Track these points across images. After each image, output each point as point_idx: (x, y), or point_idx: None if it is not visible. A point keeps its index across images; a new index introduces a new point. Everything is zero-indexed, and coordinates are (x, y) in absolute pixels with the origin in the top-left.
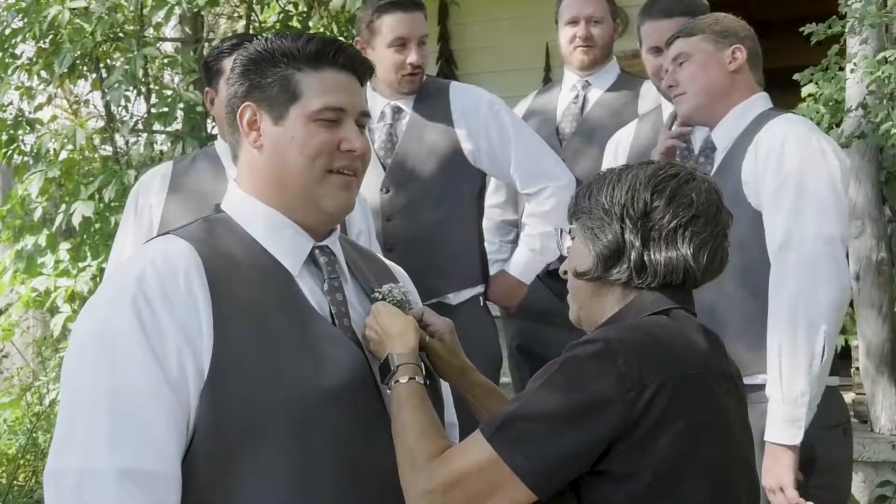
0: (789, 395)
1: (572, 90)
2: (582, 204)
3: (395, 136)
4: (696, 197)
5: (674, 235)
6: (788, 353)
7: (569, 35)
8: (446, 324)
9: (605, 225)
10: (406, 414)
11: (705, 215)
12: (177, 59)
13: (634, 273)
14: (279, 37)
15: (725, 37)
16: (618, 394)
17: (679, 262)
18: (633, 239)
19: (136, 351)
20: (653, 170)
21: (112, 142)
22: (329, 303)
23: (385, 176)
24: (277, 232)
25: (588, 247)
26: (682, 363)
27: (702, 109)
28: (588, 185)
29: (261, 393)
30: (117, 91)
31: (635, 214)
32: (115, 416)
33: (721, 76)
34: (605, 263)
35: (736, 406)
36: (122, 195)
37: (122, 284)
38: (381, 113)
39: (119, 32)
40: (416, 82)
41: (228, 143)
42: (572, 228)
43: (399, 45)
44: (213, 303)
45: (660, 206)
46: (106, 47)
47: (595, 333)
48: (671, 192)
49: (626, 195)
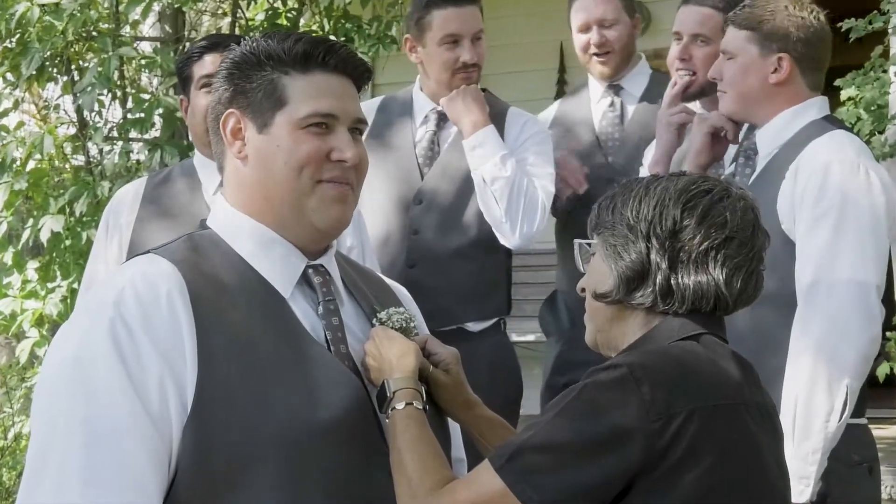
0: (800, 451)
1: (604, 96)
2: (604, 217)
3: (436, 145)
4: (730, 216)
5: (704, 258)
6: (804, 407)
7: (583, 42)
8: (451, 354)
9: (630, 243)
10: (404, 441)
11: (740, 237)
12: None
13: (659, 297)
14: (266, 38)
15: (773, 40)
16: (641, 424)
17: (710, 288)
18: (660, 260)
19: (114, 379)
20: (684, 183)
21: (84, 150)
22: (324, 327)
23: (421, 187)
24: (267, 250)
25: (609, 265)
26: (712, 392)
27: (741, 113)
28: (612, 196)
29: (250, 426)
30: (90, 95)
31: (663, 233)
32: (91, 450)
33: (760, 86)
34: (627, 285)
35: (771, 441)
36: (95, 209)
37: (99, 308)
38: (425, 117)
39: (92, 31)
40: (472, 81)
41: (214, 154)
42: (592, 243)
43: (451, 43)
44: (198, 328)
45: (690, 226)
46: (78, 47)
47: (617, 358)
48: (703, 209)
49: (653, 211)
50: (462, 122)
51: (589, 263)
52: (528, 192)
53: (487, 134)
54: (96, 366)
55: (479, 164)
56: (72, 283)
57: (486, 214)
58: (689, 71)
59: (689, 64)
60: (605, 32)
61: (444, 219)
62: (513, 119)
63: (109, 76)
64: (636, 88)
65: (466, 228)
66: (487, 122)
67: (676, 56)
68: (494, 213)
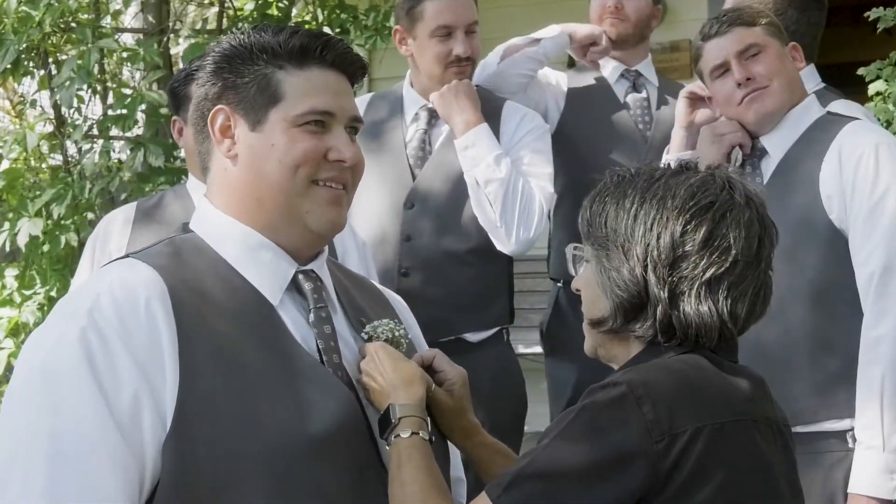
0: (891, 441)
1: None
2: (596, 229)
3: (428, 144)
4: (734, 237)
5: (707, 288)
6: (892, 392)
7: (599, 8)
8: (459, 374)
9: (625, 270)
10: (407, 473)
11: (745, 257)
12: (138, 52)
13: (660, 332)
14: (257, 30)
15: (781, 31)
16: (644, 445)
17: (713, 321)
18: (659, 292)
19: (82, 391)
20: (684, 196)
21: (62, 149)
22: (316, 336)
23: (412, 188)
24: (255, 254)
25: (605, 290)
26: (719, 408)
27: (786, 106)
28: (601, 199)
29: (235, 443)
30: (68, 90)
31: (661, 262)
32: (55, 466)
33: (796, 73)
34: (625, 316)
35: (782, 459)
36: (75, 211)
37: (72, 315)
38: (416, 114)
39: (71, 22)
40: (465, 76)
41: (197, 154)
42: (585, 248)
43: (444, 35)
44: (180, 339)
45: (692, 252)
46: (56, 39)
47: (616, 375)
48: (707, 232)
49: (650, 233)
50: (454, 120)
51: (582, 269)
52: (524, 195)
53: (480, 133)
54: (64, 377)
55: (471, 165)
56: (49, 291)
57: (481, 219)
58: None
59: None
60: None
61: (438, 222)
62: (510, 113)
63: (89, 70)
64: (652, 77)
65: (463, 232)
66: (480, 121)
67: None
68: (489, 217)
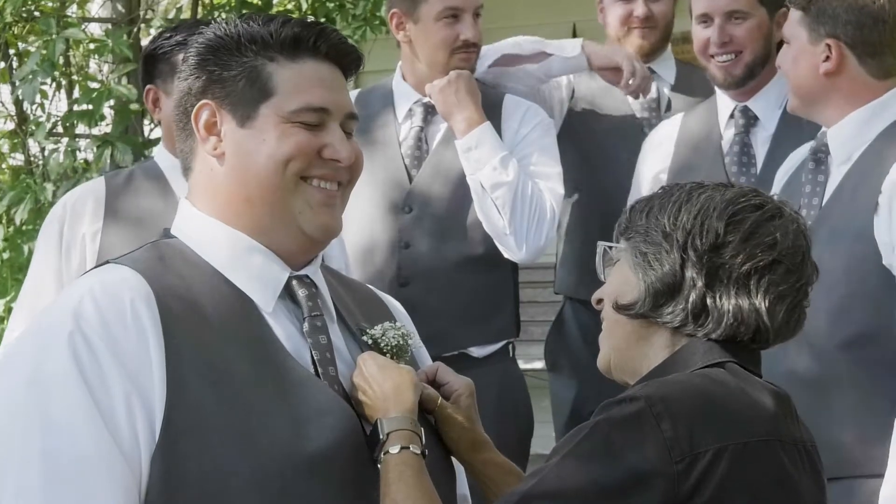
0: None
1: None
2: (637, 222)
3: (424, 143)
4: (780, 238)
5: (746, 280)
6: None
7: (622, 14)
8: (466, 385)
9: (663, 252)
10: (399, 493)
11: (788, 262)
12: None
13: (691, 317)
14: (245, 19)
15: (820, 22)
16: (662, 465)
17: (750, 315)
18: (696, 276)
19: (76, 404)
20: (732, 195)
21: (24, 148)
22: (310, 347)
23: (409, 191)
24: (244, 259)
25: (637, 275)
26: (743, 428)
27: (802, 109)
28: (648, 199)
29: (226, 460)
30: (31, 84)
31: (702, 246)
32: (50, 486)
33: (811, 77)
34: (655, 299)
35: (810, 483)
36: (38, 216)
37: (57, 320)
38: (409, 110)
39: (34, 10)
40: (470, 64)
41: (179, 153)
42: (617, 247)
43: (451, 17)
44: (167, 346)
45: (734, 242)
46: (18, 29)
47: (633, 390)
48: (751, 226)
49: (694, 220)
50: (454, 118)
51: (611, 270)
52: (533, 199)
53: (484, 133)
54: (55, 389)
55: (475, 168)
56: (10, 303)
57: (487, 225)
58: (732, 53)
59: (731, 46)
60: (651, 6)
61: (438, 228)
62: (510, 109)
63: (54, 62)
64: (668, 75)
65: (465, 238)
66: (483, 119)
67: (715, 41)
68: (496, 224)
